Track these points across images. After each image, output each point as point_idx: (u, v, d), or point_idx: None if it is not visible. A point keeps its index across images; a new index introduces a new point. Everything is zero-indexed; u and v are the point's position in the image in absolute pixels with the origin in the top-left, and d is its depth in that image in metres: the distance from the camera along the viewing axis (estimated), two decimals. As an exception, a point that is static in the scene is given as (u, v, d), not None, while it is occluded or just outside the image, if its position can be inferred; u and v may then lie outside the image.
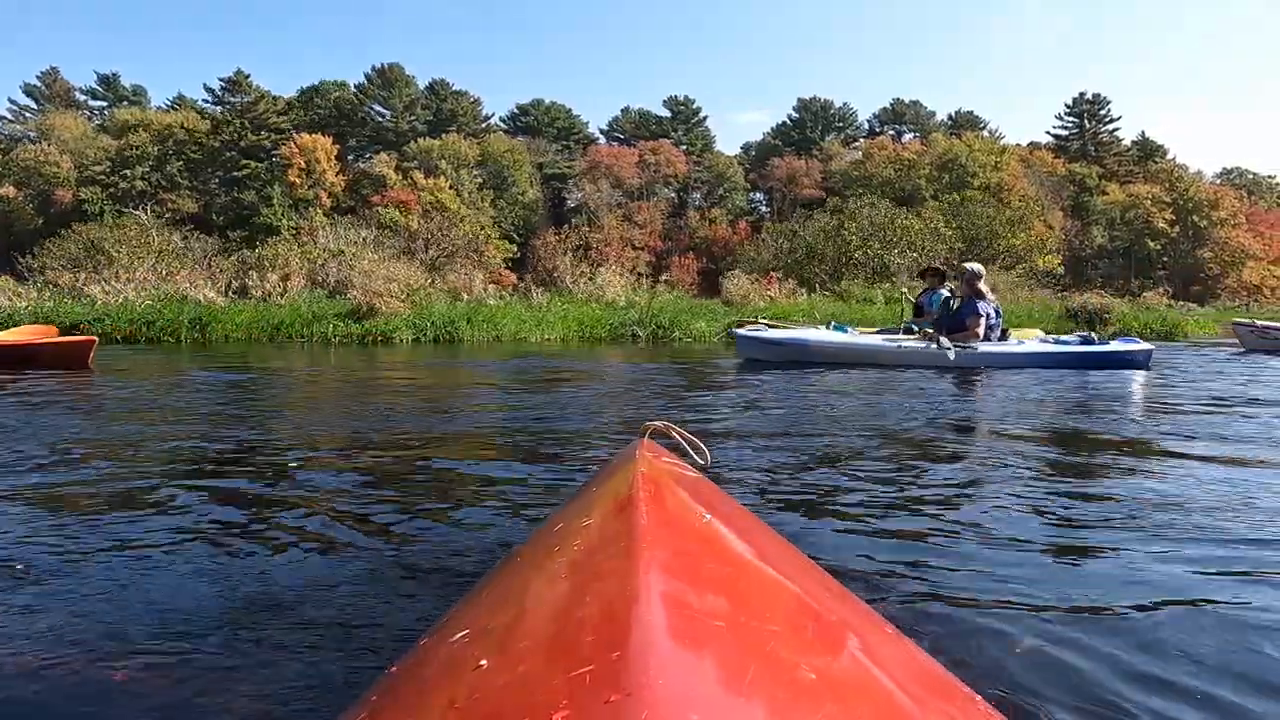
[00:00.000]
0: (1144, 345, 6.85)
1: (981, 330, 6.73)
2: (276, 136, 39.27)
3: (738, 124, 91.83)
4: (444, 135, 40.53)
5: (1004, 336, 7.01)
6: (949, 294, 8.08)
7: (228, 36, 78.80)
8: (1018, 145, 44.94)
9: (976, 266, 7.10)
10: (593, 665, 0.38)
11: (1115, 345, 6.91)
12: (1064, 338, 7.23)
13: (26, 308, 12.35)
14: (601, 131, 50.95)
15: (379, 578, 1.49)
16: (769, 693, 0.39)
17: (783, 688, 0.40)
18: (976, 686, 0.56)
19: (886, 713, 0.43)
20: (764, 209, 44.99)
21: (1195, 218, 37.92)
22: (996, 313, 7.63)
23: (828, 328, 7.21)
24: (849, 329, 7.06)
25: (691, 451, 1.20)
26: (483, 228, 26.81)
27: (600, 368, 6.69)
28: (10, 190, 35.65)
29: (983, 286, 6.96)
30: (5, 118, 44.11)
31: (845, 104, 51.18)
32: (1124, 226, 39.23)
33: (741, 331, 7.20)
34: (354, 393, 4.91)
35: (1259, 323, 9.91)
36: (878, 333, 7.77)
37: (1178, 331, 15.29)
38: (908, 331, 7.49)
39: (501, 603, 0.62)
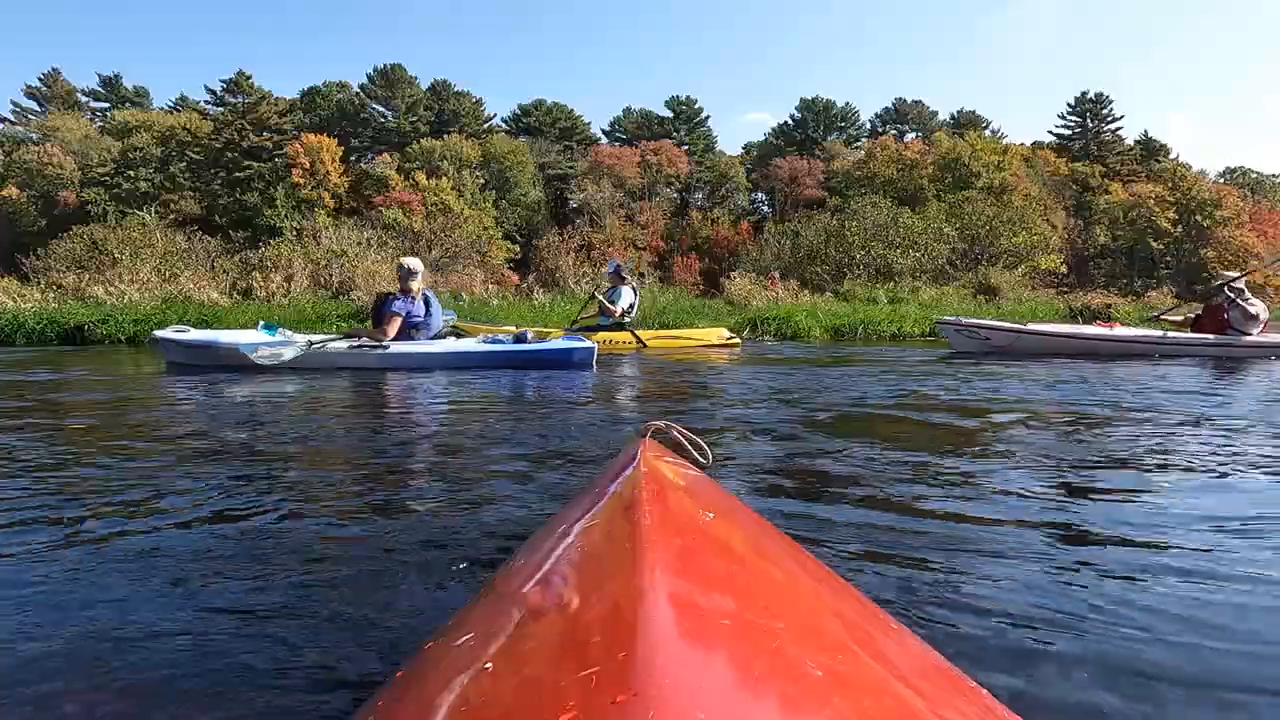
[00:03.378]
0: (586, 344, 6.54)
1: (393, 330, 6.36)
2: (279, 137, 39.30)
3: (745, 124, 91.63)
4: (446, 136, 40.54)
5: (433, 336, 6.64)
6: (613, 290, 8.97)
7: (229, 38, 78.85)
8: (1021, 145, 44.85)
9: (409, 261, 6.67)
10: (599, 666, 0.38)
11: (551, 344, 6.63)
12: (498, 335, 6.92)
13: (31, 309, 12.38)
14: (604, 132, 50.97)
15: (382, 581, 1.49)
16: (776, 690, 0.39)
17: (789, 685, 0.40)
18: (983, 681, 0.56)
19: (894, 708, 0.43)
20: (766, 209, 44.92)
21: (1198, 217, 37.80)
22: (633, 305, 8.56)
23: (257, 329, 6.69)
24: (279, 330, 6.59)
25: (693, 451, 1.20)
26: (486, 228, 26.82)
27: (601, 367, 6.69)
28: (13, 191, 35.69)
29: (413, 281, 6.51)
30: (8, 119, 44.25)
31: (848, 103, 51.10)
32: (1127, 226, 39.12)
33: (159, 334, 6.63)
34: (354, 392, 4.92)
35: (965, 320, 8.93)
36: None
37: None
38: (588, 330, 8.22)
39: (507, 605, 0.62)
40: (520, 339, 6.63)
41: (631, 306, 9.35)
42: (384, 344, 6.28)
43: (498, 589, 0.69)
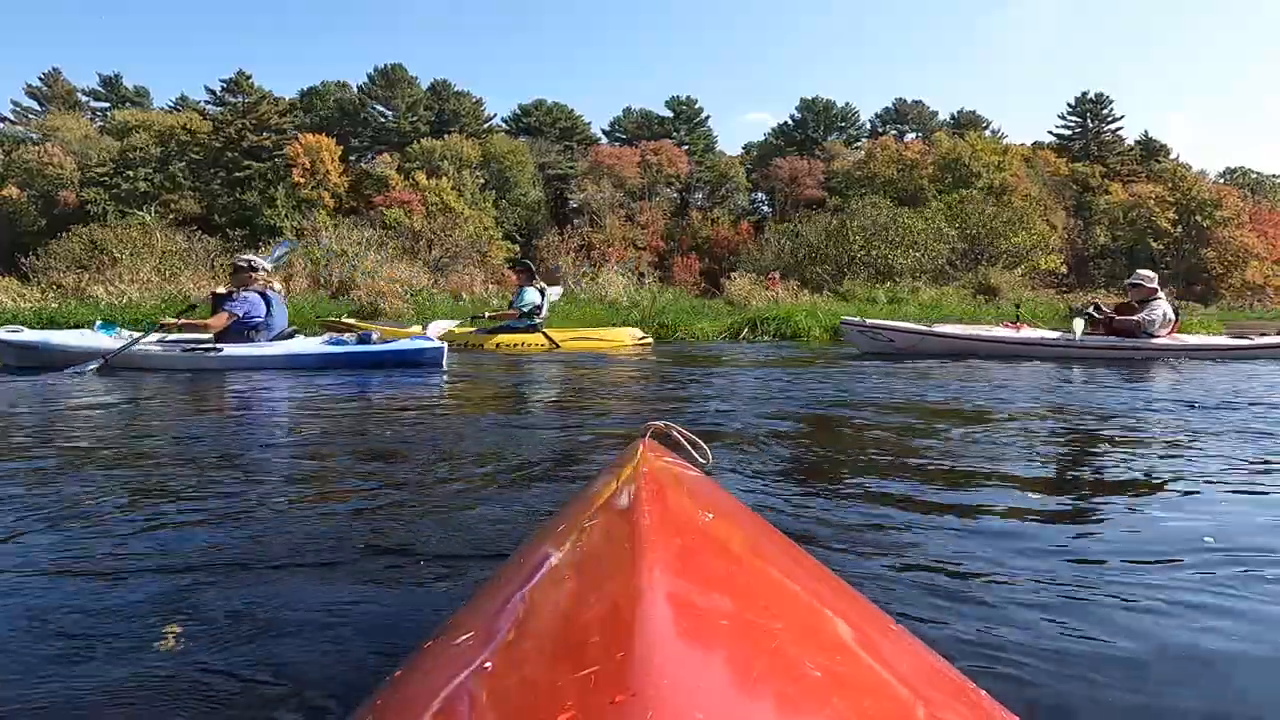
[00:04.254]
0: (435, 344, 6.33)
1: (218, 324, 6.15)
2: (278, 137, 39.34)
3: (745, 124, 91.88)
4: (446, 136, 40.56)
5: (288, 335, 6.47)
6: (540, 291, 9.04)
7: (229, 38, 78.98)
8: (1021, 145, 44.87)
9: (250, 258, 6.57)
10: (598, 666, 0.38)
11: (397, 345, 6.43)
12: (341, 336, 6.68)
13: (30, 309, 12.39)
14: (604, 132, 50.99)
15: (380, 580, 1.49)
16: (775, 691, 0.39)
17: (788, 685, 0.40)
18: (982, 682, 0.56)
19: (893, 709, 0.43)
20: (766, 209, 44.94)
21: (1198, 217, 37.81)
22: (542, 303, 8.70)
23: (93, 328, 6.36)
24: (116, 330, 6.31)
25: (693, 451, 1.20)
26: (486, 228, 26.84)
27: (601, 367, 6.70)
28: (13, 191, 35.71)
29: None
30: (8, 119, 44.26)
31: (848, 104, 51.12)
32: (1127, 226, 39.15)
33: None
34: (354, 392, 4.92)
35: (868, 321, 8.59)
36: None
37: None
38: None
39: (505, 604, 0.62)
40: (364, 339, 6.44)
41: (538, 307, 9.10)
42: (216, 344, 6.08)
43: (496, 588, 0.69)
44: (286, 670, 1.12)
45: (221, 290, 6.56)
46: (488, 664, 0.46)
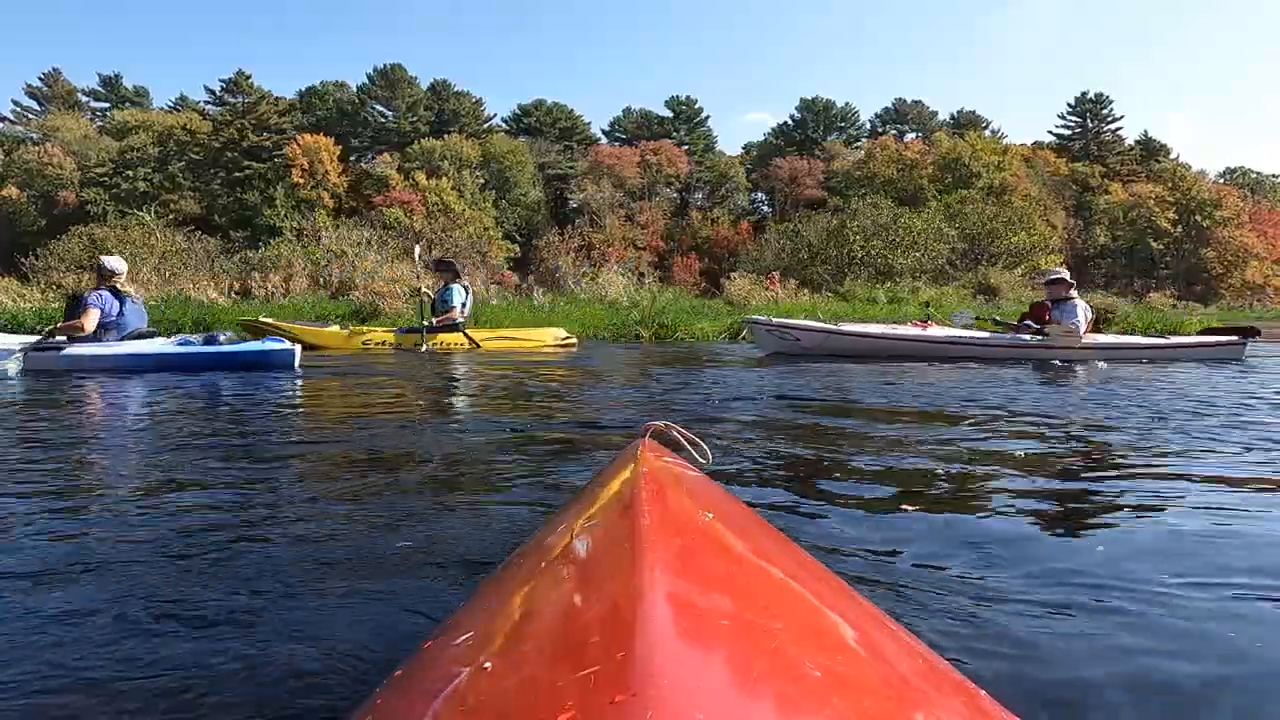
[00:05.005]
0: (285, 346, 6.15)
1: (90, 322, 6.07)
2: (278, 137, 39.36)
3: (745, 124, 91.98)
4: (446, 136, 40.58)
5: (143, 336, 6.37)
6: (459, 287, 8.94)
7: (229, 38, 79.07)
8: (1021, 145, 44.89)
9: (108, 260, 6.43)
10: (598, 666, 0.38)
11: (244, 346, 6.28)
12: (188, 337, 6.47)
13: (31, 309, 12.40)
14: (603, 132, 51.02)
15: (381, 580, 1.49)
16: (775, 690, 0.39)
17: (789, 685, 0.40)
18: (982, 682, 0.56)
19: (893, 709, 0.43)
20: (766, 209, 44.96)
21: (1198, 217, 37.83)
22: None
23: None
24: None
25: (692, 451, 1.20)
26: (486, 229, 26.85)
27: (602, 367, 6.70)
28: (13, 191, 35.74)
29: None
30: (8, 119, 44.28)
31: (847, 104, 51.17)
32: (1127, 226, 39.17)
33: None
34: (355, 392, 4.92)
35: (774, 320, 8.33)
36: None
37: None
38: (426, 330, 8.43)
39: (505, 604, 0.62)
40: (210, 340, 6.29)
41: (464, 305, 9.03)
42: (60, 343, 6.01)
43: (496, 588, 0.69)
44: (286, 670, 1.12)
45: (75, 293, 6.58)
46: (487, 664, 0.46)
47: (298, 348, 6.21)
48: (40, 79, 46.62)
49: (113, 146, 38.56)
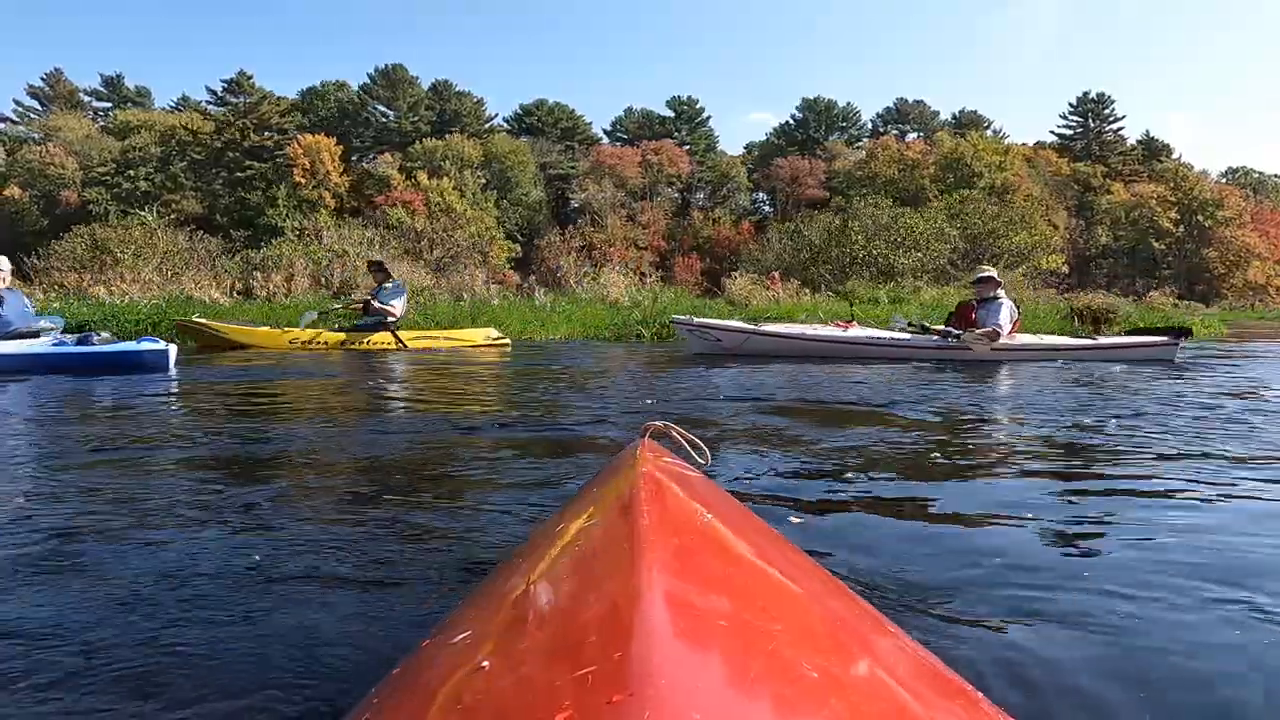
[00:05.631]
0: (159, 347, 5.89)
1: None
2: (280, 137, 39.37)
3: (746, 124, 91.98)
4: (448, 136, 40.58)
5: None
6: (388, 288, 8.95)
7: (230, 38, 79.13)
8: (1022, 145, 44.86)
9: None
10: (595, 666, 0.38)
11: (116, 346, 6.04)
12: (63, 338, 6.30)
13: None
14: (605, 132, 51.01)
15: (381, 579, 1.49)
16: (772, 692, 0.39)
17: (785, 686, 0.40)
18: (979, 684, 0.56)
19: (890, 711, 0.43)
20: (767, 209, 44.95)
21: (1200, 217, 37.78)
22: None
23: None
24: None
25: (692, 451, 1.20)
26: (488, 228, 26.86)
27: (602, 368, 6.70)
28: (15, 191, 35.80)
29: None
30: (10, 119, 44.32)
31: (849, 103, 51.13)
32: (1128, 226, 39.13)
33: None
34: (357, 393, 4.92)
35: (696, 320, 8.18)
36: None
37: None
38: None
39: (504, 604, 0.62)
40: (85, 340, 6.09)
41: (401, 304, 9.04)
42: None
43: (495, 588, 0.69)
44: (282, 671, 1.12)
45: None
46: (485, 663, 0.46)
47: (173, 349, 5.99)
48: (42, 79, 46.68)
49: (115, 146, 38.60)
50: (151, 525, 1.83)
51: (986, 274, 7.81)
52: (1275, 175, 49.34)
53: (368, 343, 8.67)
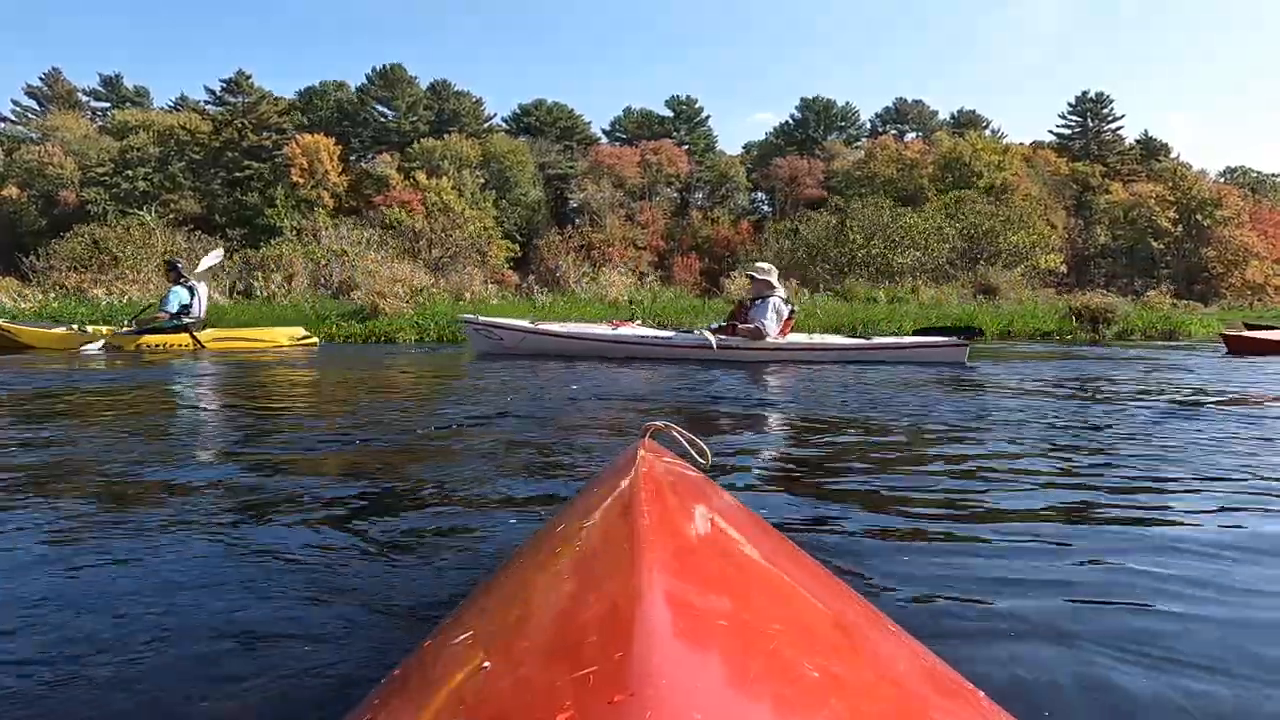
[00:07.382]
0: None
1: None
2: (278, 137, 39.36)
3: (747, 124, 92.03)
4: (446, 135, 40.55)
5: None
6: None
7: (229, 37, 79.11)
8: (1021, 144, 44.86)
9: None
10: (596, 666, 0.38)
11: None
12: None
13: (31, 309, 12.39)
14: (604, 132, 50.99)
15: (380, 580, 1.49)
16: (773, 691, 0.39)
17: (787, 686, 0.40)
18: (980, 683, 0.56)
19: (892, 710, 0.43)
20: (766, 208, 44.94)
21: (1199, 216, 37.78)
22: None
23: None
24: None
25: (692, 451, 1.20)
26: (486, 228, 26.83)
27: (602, 368, 6.69)
28: (14, 191, 35.75)
29: None
30: (8, 119, 44.27)
31: (848, 103, 51.14)
32: (1127, 225, 39.13)
33: None
34: (357, 394, 4.92)
35: (481, 319, 8.09)
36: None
37: (1180, 332, 14.47)
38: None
39: (504, 604, 0.62)
40: None
41: (187, 307, 8.91)
42: None
43: (496, 588, 0.69)
44: (280, 671, 1.12)
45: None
46: (486, 664, 0.46)
47: None
48: (40, 79, 46.62)
49: (113, 146, 38.57)
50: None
51: (759, 272, 7.48)
52: (1274, 175, 49.35)
53: (165, 345, 8.58)
